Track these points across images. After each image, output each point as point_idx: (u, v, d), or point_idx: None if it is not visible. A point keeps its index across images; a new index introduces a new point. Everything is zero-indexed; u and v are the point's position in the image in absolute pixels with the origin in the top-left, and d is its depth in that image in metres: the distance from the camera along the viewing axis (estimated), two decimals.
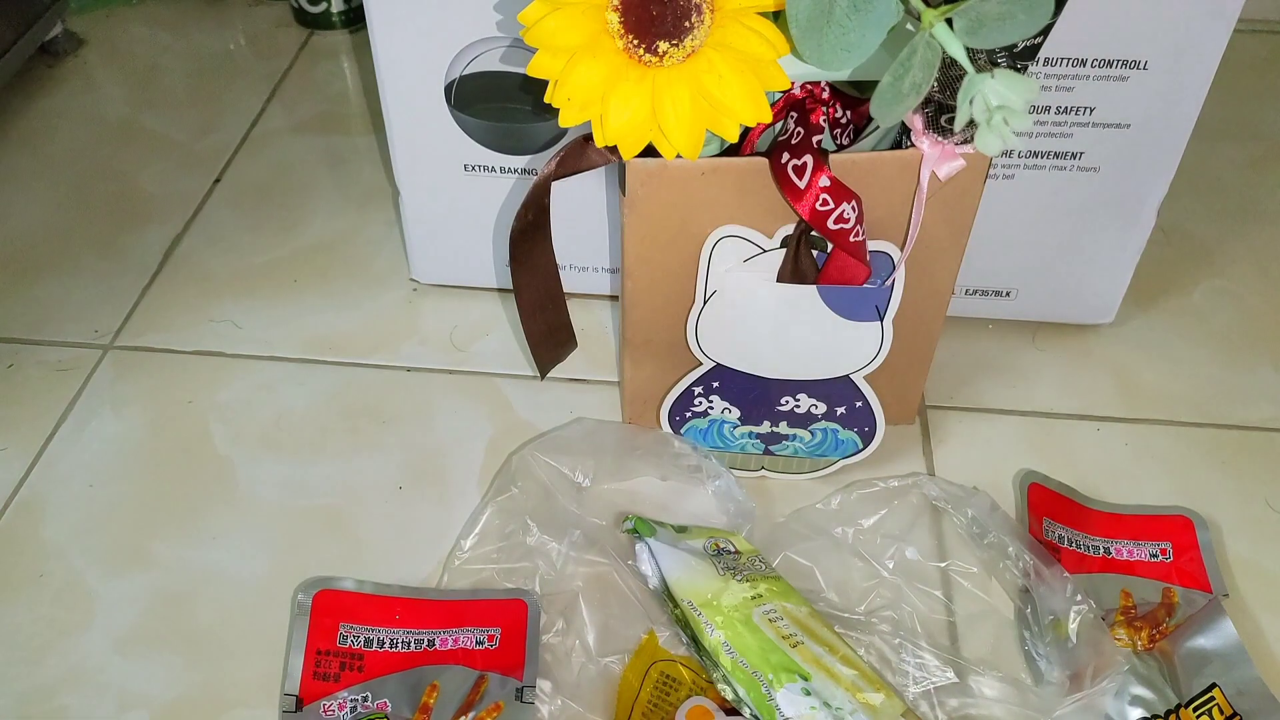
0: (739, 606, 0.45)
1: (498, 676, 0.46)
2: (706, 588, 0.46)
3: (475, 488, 0.55)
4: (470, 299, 0.65)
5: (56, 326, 0.64)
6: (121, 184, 0.75)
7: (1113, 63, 0.50)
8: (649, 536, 0.48)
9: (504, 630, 0.47)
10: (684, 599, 0.46)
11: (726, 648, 0.44)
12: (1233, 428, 0.58)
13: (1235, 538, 0.52)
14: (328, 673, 0.46)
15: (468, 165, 0.59)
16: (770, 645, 0.44)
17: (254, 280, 0.67)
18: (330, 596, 0.48)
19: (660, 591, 0.48)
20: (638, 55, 0.39)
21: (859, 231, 0.44)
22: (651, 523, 0.50)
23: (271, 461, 0.56)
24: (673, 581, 0.47)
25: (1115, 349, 0.62)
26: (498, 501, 0.52)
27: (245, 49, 0.88)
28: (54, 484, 0.55)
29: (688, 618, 0.46)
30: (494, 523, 0.51)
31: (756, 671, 0.43)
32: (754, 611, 0.45)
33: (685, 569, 0.47)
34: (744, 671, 0.43)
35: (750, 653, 0.44)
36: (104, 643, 0.49)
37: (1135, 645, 0.47)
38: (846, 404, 0.52)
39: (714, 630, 0.45)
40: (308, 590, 0.49)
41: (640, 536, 0.49)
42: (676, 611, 0.47)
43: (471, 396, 0.60)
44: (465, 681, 0.46)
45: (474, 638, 0.47)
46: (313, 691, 0.45)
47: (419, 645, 0.47)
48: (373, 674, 0.46)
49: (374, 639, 0.47)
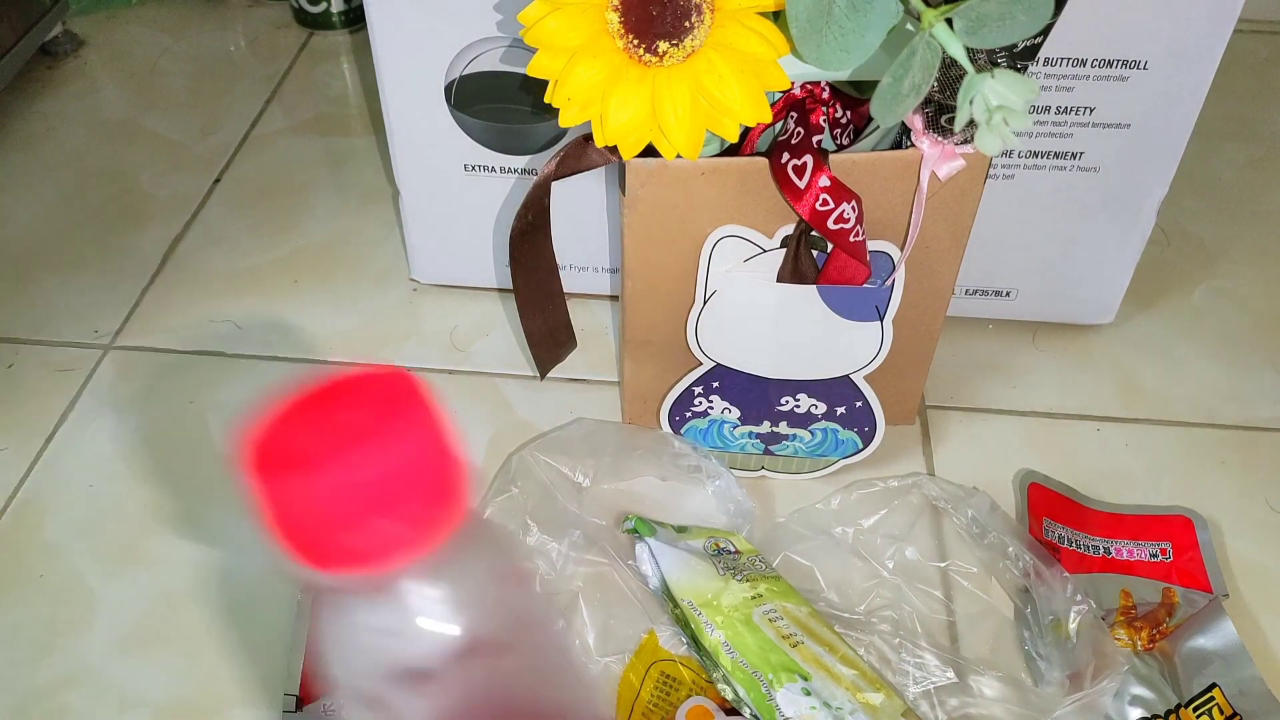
0: (739, 606, 0.45)
1: None
2: (707, 587, 0.46)
3: (476, 488, 0.55)
4: (470, 299, 0.65)
5: (57, 327, 0.64)
6: (122, 184, 0.75)
7: (1113, 63, 0.50)
8: (649, 536, 0.48)
9: None
10: (684, 599, 0.46)
11: (726, 647, 0.44)
12: (1233, 428, 0.58)
13: (1235, 538, 0.52)
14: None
15: (468, 165, 0.59)
16: (770, 645, 0.44)
17: (254, 280, 0.67)
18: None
19: (660, 591, 0.48)
20: (638, 55, 0.39)
21: (859, 232, 0.44)
22: (652, 523, 0.50)
23: None
24: (673, 581, 0.47)
25: (1115, 349, 0.62)
26: (497, 502, 0.52)
27: (245, 50, 0.88)
28: (54, 484, 0.55)
29: (688, 617, 0.46)
30: (486, 507, 0.52)
31: (756, 671, 0.43)
32: (754, 611, 0.45)
33: (685, 569, 0.47)
34: (744, 671, 0.43)
35: (750, 652, 0.44)
36: (105, 642, 0.49)
37: (1135, 645, 0.47)
38: (846, 404, 0.52)
39: (714, 630, 0.45)
40: (308, 591, 0.49)
41: (640, 536, 0.49)
42: (676, 611, 0.47)
43: (471, 396, 0.60)
44: None
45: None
46: (314, 691, 0.45)
47: None
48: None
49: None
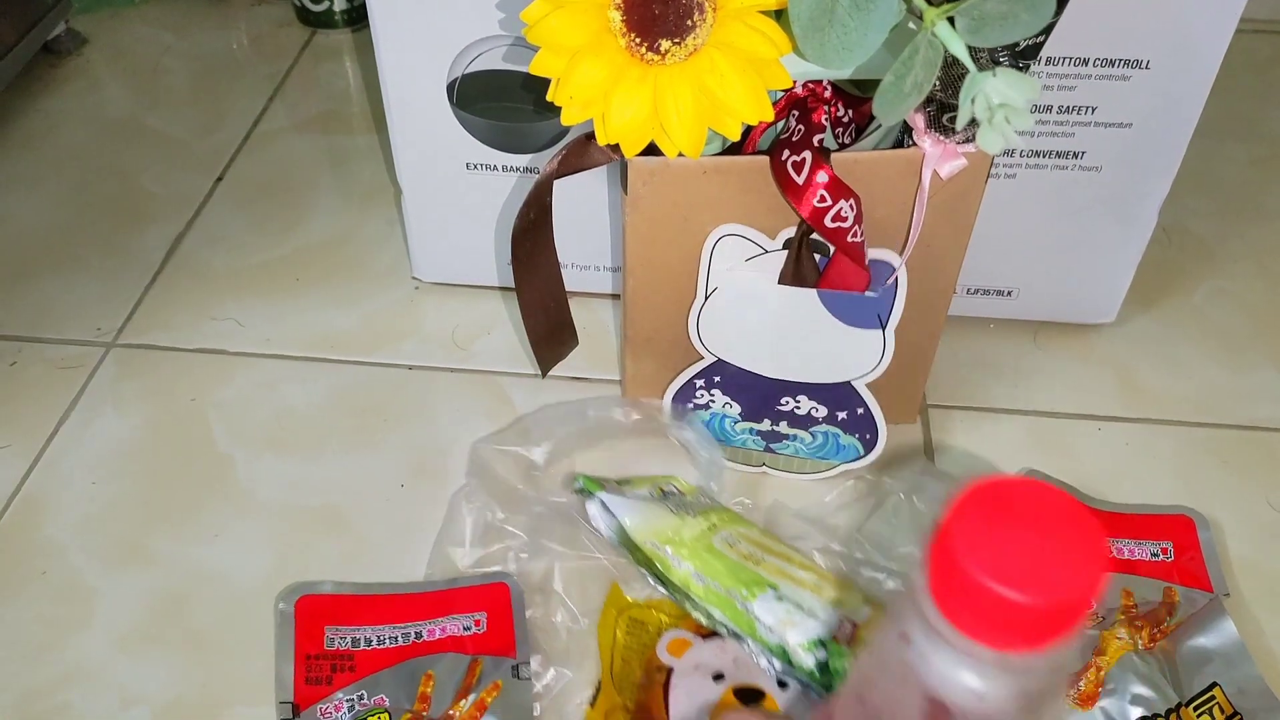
0: (699, 537, 0.47)
1: (491, 658, 0.46)
2: (665, 526, 0.48)
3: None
4: (472, 297, 0.65)
5: (59, 325, 0.64)
6: (124, 183, 0.75)
7: (1115, 62, 0.50)
8: (599, 491, 0.50)
9: (490, 613, 0.48)
10: (646, 541, 0.48)
11: (697, 576, 0.46)
12: (1234, 427, 0.58)
13: (1236, 537, 0.52)
14: (319, 676, 0.46)
15: (470, 164, 0.59)
16: (736, 566, 0.46)
17: (256, 279, 0.67)
18: (312, 601, 0.49)
19: (619, 542, 0.49)
20: (640, 53, 0.39)
21: (857, 232, 0.44)
22: (598, 479, 0.51)
23: (273, 460, 0.56)
24: (632, 528, 0.48)
25: (1117, 348, 0.62)
26: (463, 492, 0.53)
27: (248, 48, 0.89)
28: (56, 482, 0.55)
29: (652, 558, 0.47)
30: (462, 513, 0.52)
31: (730, 590, 0.45)
32: (714, 539, 0.47)
33: (640, 514, 0.48)
34: (717, 594, 0.46)
35: (720, 575, 0.46)
36: (105, 640, 0.49)
37: (1136, 644, 0.47)
38: (848, 409, 0.52)
39: (681, 563, 0.46)
40: (288, 598, 0.49)
41: (591, 494, 0.50)
42: (639, 555, 0.48)
43: (473, 394, 0.60)
44: (459, 666, 0.46)
45: (461, 624, 0.48)
46: (307, 696, 0.45)
47: (407, 638, 0.47)
48: (365, 672, 0.46)
49: (361, 638, 0.47)
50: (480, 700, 0.45)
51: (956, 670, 0.26)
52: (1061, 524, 0.25)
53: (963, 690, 0.26)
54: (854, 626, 0.45)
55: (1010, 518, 0.25)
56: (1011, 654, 0.25)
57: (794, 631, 0.44)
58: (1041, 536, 0.24)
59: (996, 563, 0.24)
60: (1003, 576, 0.24)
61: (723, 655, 0.46)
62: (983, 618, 0.24)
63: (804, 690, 0.45)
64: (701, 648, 0.46)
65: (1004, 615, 0.24)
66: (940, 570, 0.25)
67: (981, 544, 0.24)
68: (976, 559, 0.24)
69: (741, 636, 0.45)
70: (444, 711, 0.44)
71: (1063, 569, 0.24)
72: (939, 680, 0.26)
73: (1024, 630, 0.24)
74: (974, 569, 0.24)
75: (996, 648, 0.25)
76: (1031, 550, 0.24)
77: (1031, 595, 0.23)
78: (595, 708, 0.45)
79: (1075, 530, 0.24)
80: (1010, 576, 0.24)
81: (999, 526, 0.24)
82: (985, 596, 0.24)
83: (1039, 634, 0.24)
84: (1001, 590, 0.23)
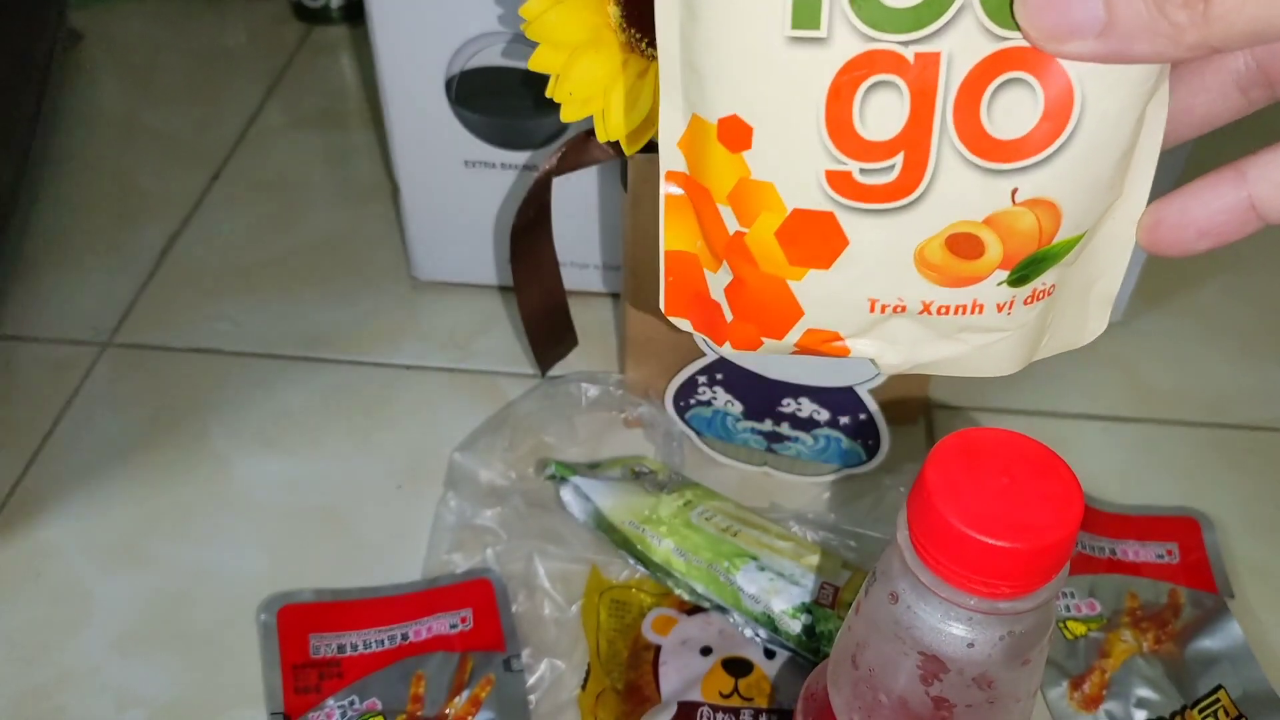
0: (676, 514, 0.48)
1: (481, 654, 0.46)
2: (641, 505, 0.48)
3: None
4: (470, 296, 0.65)
5: (54, 324, 0.64)
6: (119, 180, 0.74)
7: None
8: (571, 476, 0.50)
9: (475, 610, 0.48)
10: (623, 522, 0.48)
11: (678, 552, 0.47)
12: (1241, 427, 0.57)
13: (1242, 539, 0.52)
14: (308, 685, 0.45)
15: (468, 161, 0.58)
16: (715, 540, 0.47)
17: (252, 277, 0.67)
18: (293, 611, 0.48)
19: (594, 525, 0.49)
20: (640, 49, 0.38)
21: None
22: (570, 464, 0.52)
23: (270, 460, 0.56)
24: (608, 510, 0.49)
25: (1123, 347, 0.62)
26: (441, 496, 0.53)
27: (244, 44, 0.88)
28: (51, 482, 0.55)
29: (631, 538, 0.48)
30: (442, 515, 0.52)
31: (712, 565, 0.46)
32: (690, 515, 0.48)
33: (615, 495, 0.49)
34: (699, 569, 0.46)
35: (701, 550, 0.47)
36: (102, 642, 0.48)
37: (1141, 646, 0.47)
38: (850, 415, 0.51)
39: (661, 541, 0.47)
40: (269, 609, 0.48)
41: (564, 479, 0.50)
42: (617, 536, 0.48)
43: (472, 394, 0.59)
44: (449, 664, 0.46)
45: (447, 623, 0.47)
46: (298, 706, 0.45)
47: (394, 641, 0.47)
48: (354, 677, 0.45)
49: (347, 644, 0.47)
50: (474, 696, 0.44)
51: (945, 621, 0.27)
52: (1034, 470, 0.26)
53: (953, 640, 0.27)
54: (835, 590, 0.45)
55: (985, 467, 0.26)
56: (997, 600, 0.26)
57: (778, 599, 0.45)
58: (1016, 483, 0.26)
59: (975, 511, 0.25)
60: (982, 525, 0.25)
61: (708, 629, 0.46)
62: (966, 567, 0.25)
63: (791, 657, 0.45)
64: (687, 624, 0.47)
65: (986, 563, 0.25)
66: (921, 523, 0.26)
67: (959, 494, 0.25)
68: (955, 509, 0.25)
69: (726, 609, 0.46)
70: (439, 710, 0.44)
71: (1040, 513, 0.25)
72: (929, 633, 0.27)
73: (1007, 576, 0.25)
74: (954, 519, 0.25)
75: (982, 595, 0.26)
76: (1008, 497, 0.25)
77: (1011, 540, 0.25)
78: (586, 691, 0.46)
79: (1048, 475, 0.26)
80: (989, 524, 0.25)
81: (975, 476, 0.26)
82: (967, 545, 0.25)
83: (1022, 579, 0.25)
84: (981, 538, 0.25)
